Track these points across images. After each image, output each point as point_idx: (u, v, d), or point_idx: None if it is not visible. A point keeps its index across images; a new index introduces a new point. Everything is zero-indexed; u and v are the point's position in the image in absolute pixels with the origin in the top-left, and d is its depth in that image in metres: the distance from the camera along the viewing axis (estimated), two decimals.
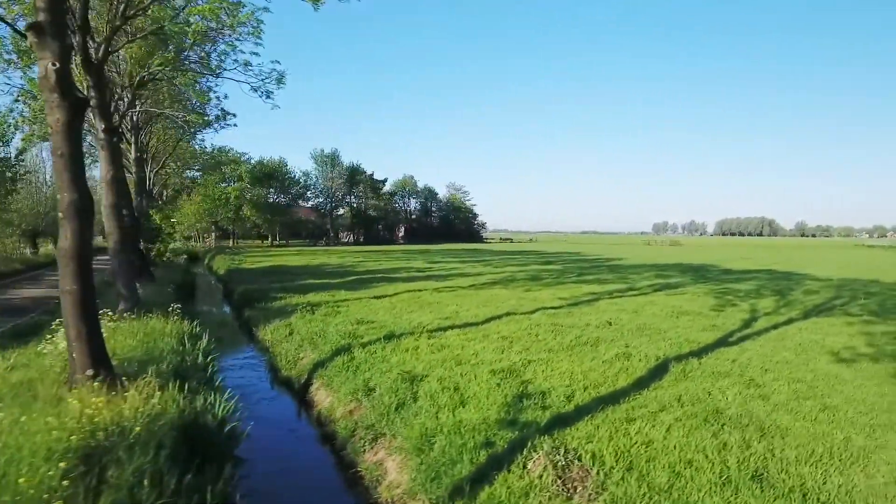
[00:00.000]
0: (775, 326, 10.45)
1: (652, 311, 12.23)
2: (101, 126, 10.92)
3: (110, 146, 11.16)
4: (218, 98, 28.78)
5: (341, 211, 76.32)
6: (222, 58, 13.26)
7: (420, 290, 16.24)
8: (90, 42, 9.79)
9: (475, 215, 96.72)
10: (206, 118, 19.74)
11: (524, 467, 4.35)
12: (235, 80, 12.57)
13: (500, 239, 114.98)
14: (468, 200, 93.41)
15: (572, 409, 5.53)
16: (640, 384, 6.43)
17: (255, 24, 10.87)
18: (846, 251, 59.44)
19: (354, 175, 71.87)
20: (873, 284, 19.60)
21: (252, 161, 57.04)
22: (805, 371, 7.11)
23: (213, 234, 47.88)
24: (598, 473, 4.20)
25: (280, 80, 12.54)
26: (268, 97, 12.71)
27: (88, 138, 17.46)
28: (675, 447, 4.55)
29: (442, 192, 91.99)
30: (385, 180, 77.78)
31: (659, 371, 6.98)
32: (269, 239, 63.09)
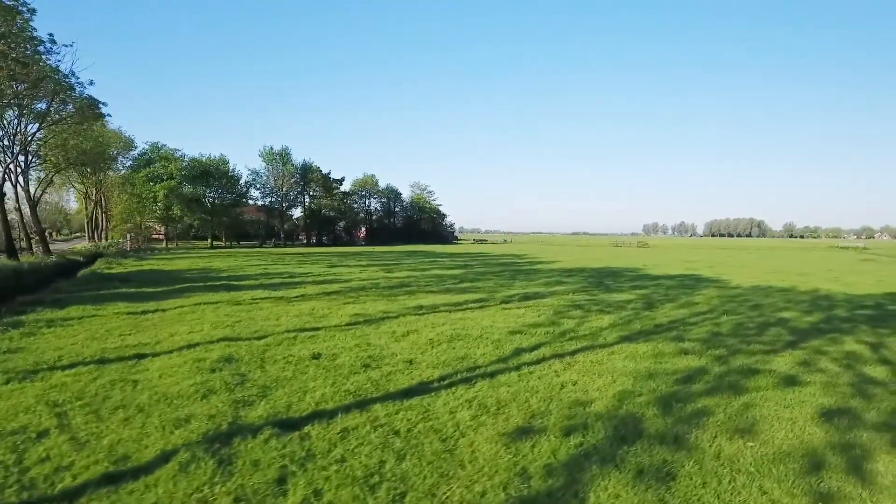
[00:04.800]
0: (545, 358, 7.85)
1: (430, 335, 9.58)
2: None
3: None
4: (81, 84, 26.15)
5: (297, 212, 73.33)
6: None
7: (216, 303, 13.57)
8: None
9: (442, 215, 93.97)
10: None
11: None
12: None
13: (474, 240, 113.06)
14: (434, 200, 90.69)
15: None
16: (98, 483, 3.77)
17: None
18: (812, 253, 57.36)
19: (307, 173, 68.85)
20: (777, 294, 17.16)
21: (186, 158, 53.83)
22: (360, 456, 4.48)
23: (128, 235, 44.77)
24: None
25: None
26: None
27: None
28: None
29: (406, 193, 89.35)
30: (342, 179, 74.79)
31: (165, 458, 4.33)
32: (210, 240, 59.85)
